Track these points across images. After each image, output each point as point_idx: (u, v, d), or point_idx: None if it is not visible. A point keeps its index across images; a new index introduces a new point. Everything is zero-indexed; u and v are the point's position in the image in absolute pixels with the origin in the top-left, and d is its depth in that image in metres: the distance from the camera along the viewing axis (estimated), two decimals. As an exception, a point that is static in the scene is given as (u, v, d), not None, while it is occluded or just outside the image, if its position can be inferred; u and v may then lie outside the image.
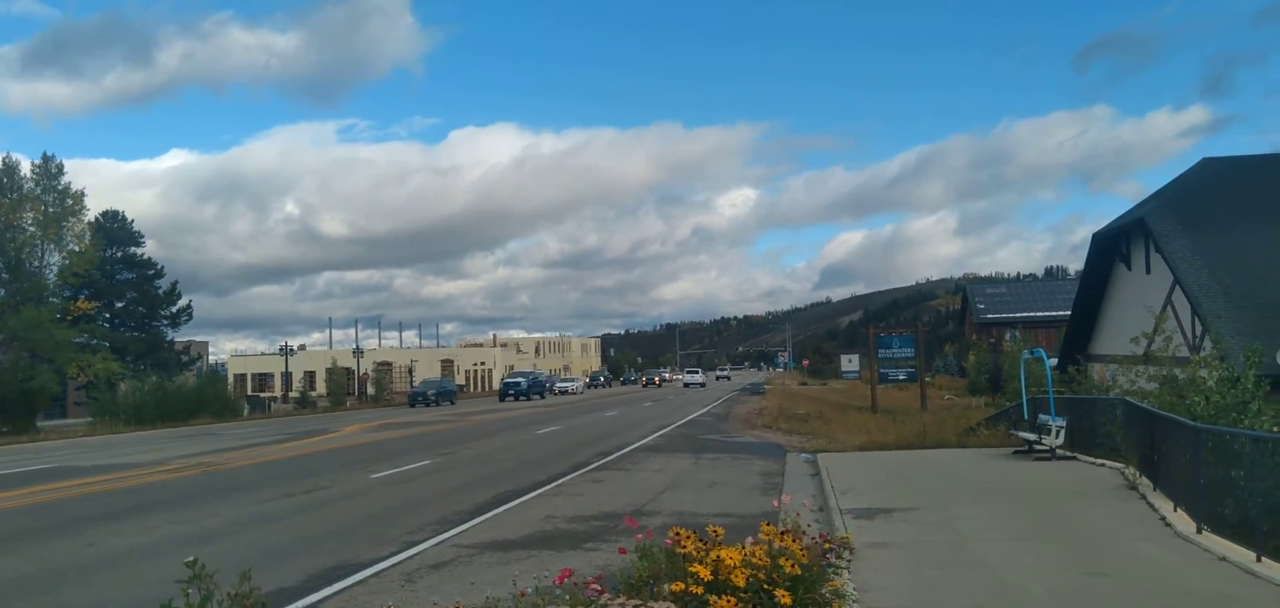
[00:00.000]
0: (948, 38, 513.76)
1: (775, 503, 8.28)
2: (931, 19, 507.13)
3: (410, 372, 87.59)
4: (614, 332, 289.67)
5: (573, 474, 17.89)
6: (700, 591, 5.61)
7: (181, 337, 66.89)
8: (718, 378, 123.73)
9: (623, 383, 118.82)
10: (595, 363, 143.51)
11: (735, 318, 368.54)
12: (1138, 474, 13.24)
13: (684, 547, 6.13)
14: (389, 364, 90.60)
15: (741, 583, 5.88)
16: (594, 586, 6.25)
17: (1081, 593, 7.53)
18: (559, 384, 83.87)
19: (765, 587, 6.00)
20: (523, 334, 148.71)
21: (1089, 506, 11.80)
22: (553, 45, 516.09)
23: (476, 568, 9.70)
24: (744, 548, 6.39)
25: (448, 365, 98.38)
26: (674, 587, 5.71)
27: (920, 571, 8.58)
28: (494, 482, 16.87)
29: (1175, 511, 10.77)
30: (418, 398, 60.88)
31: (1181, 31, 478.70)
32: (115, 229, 58.13)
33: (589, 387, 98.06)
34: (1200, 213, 24.28)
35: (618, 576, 6.51)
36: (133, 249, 59.41)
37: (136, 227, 60.04)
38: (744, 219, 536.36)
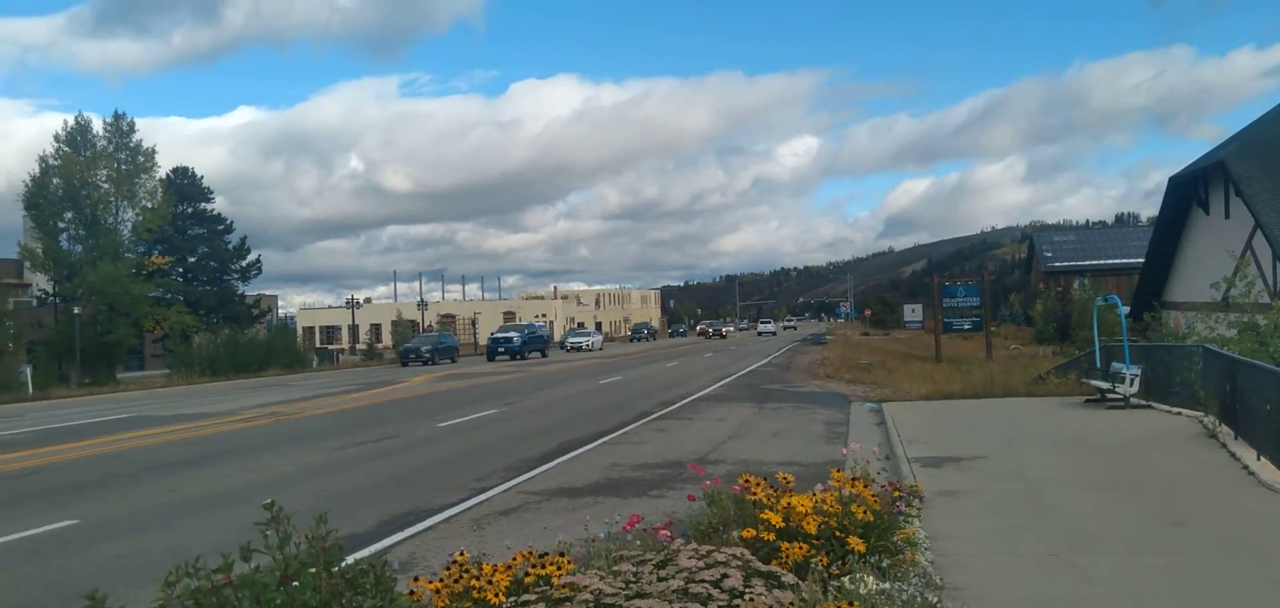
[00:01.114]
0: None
1: (843, 451, 8.20)
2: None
3: (474, 324, 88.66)
4: (673, 283, 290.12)
5: (635, 424, 17.95)
6: (772, 537, 5.57)
7: (251, 291, 68.53)
8: (784, 327, 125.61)
9: (671, 335, 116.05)
10: (655, 315, 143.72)
11: (795, 269, 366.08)
12: (1217, 423, 12.86)
13: (754, 494, 6.10)
14: (452, 316, 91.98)
15: (813, 530, 5.83)
16: (664, 532, 6.27)
17: (1162, 544, 7.34)
18: (570, 339, 70.55)
19: (837, 534, 5.95)
20: (583, 287, 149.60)
21: (1167, 455, 11.50)
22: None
23: (544, 514, 9.80)
24: (815, 495, 6.34)
25: (509, 316, 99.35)
26: (745, 533, 5.69)
27: (992, 519, 8.44)
28: (557, 431, 17.01)
29: (1259, 460, 10.43)
30: (410, 355, 50.93)
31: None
32: (185, 185, 59.48)
33: (633, 340, 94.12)
34: (1284, 154, 23.31)
35: (686, 522, 6.51)
36: (203, 205, 60.78)
37: (206, 183, 61.39)
38: (805, 169, 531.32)
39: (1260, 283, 20.29)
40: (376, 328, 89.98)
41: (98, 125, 49.17)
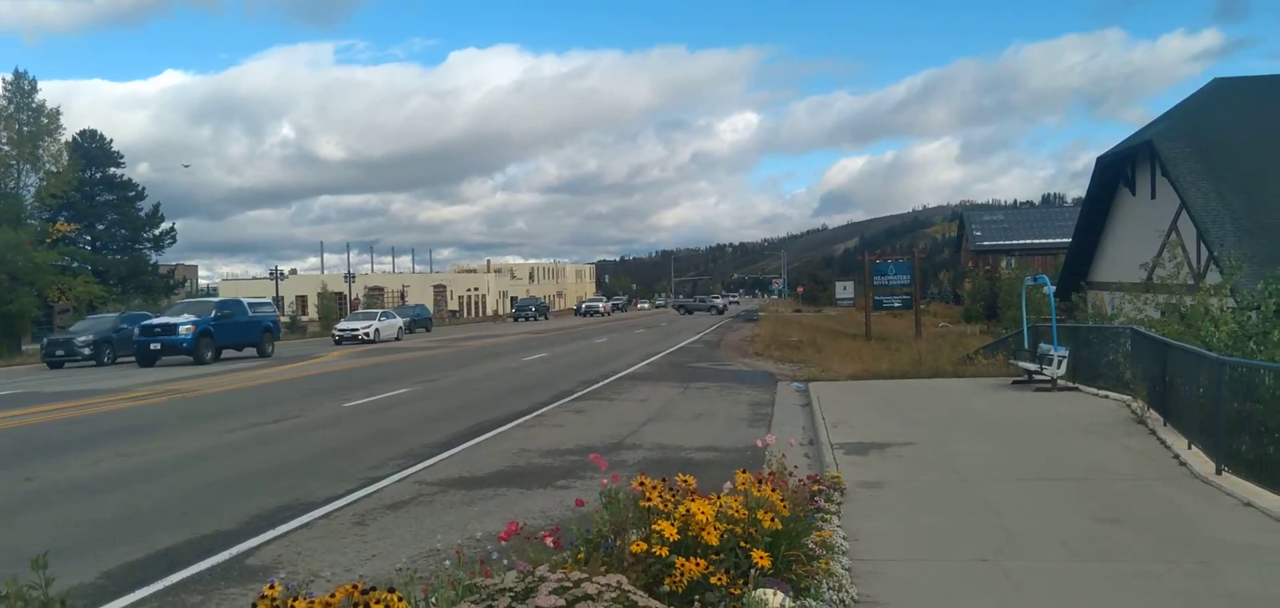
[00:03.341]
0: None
1: (758, 443, 7.49)
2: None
3: (401, 296, 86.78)
4: (610, 258, 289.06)
5: (554, 404, 17.15)
6: (665, 552, 4.82)
7: (168, 260, 65.86)
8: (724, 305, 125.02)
9: (578, 314, 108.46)
10: (590, 289, 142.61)
11: (731, 245, 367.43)
12: (1146, 408, 12.50)
13: (649, 499, 5.33)
14: (381, 289, 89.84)
15: (714, 542, 5.09)
16: (549, 540, 5.49)
17: (1098, 544, 6.79)
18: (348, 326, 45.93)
19: (742, 545, 5.23)
20: (519, 260, 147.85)
21: (1098, 442, 11.06)
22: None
23: (437, 508, 8.96)
24: (719, 498, 5.61)
25: (440, 290, 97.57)
26: (635, 548, 4.93)
27: (918, 516, 7.83)
28: (471, 412, 16.13)
29: (1190, 448, 10.03)
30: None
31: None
32: (94, 149, 56.65)
33: (520, 318, 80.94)
34: (1210, 135, 23.32)
35: (574, 529, 5.74)
36: (113, 170, 57.97)
37: (115, 147, 58.51)
38: (745, 145, 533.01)
39: (1186, 266, 20.18)
40: (303, 300, 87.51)
41: (-2, 85, 46.47)
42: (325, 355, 33.82)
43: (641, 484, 5.47)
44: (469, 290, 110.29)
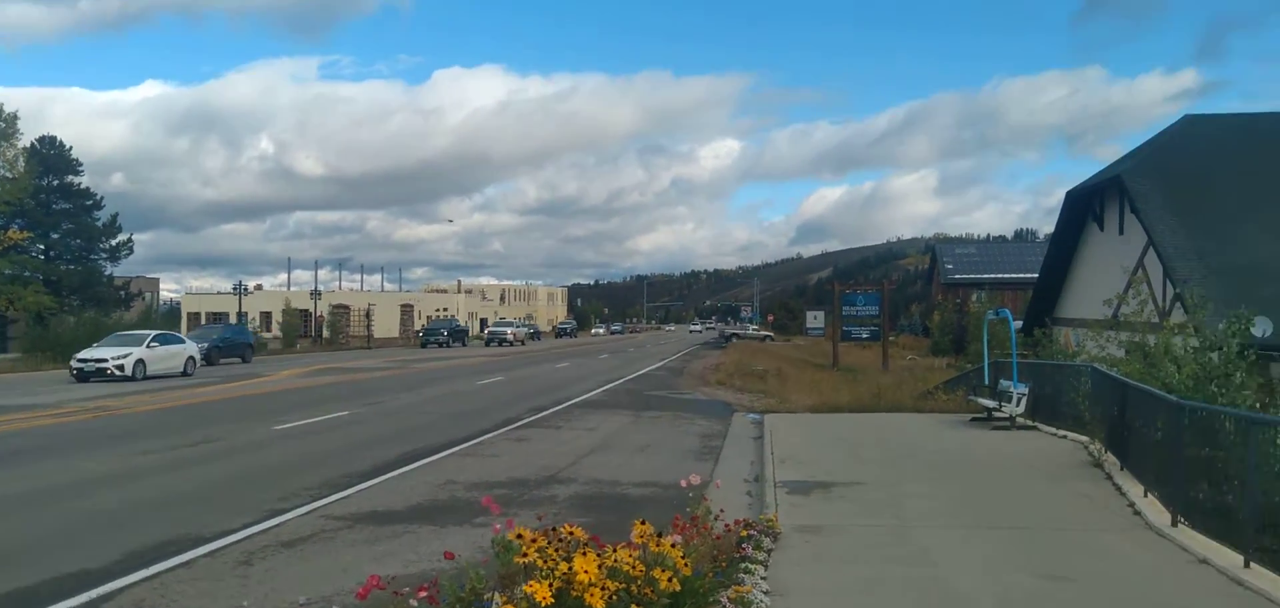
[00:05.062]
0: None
1: (683, 484, 6.86)
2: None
3: (368, 315, 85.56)
4: (584, 282, 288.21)
5: (497, 432, 16.43)
6: (534, 619, 4.16)
7: (128, 272, 64.48)
8: (690, 332, 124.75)
9: (557, 335, 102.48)
10: (562, 313, 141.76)
11: (706, 271, 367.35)
12: (1103, 450, 12.00)
13: (525, 555, 4.67)
14: (346, 307, 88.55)
15: (599, 605, 4.46)
16: (423, 594, 4.83)
17: (1040, 605, 6.19)
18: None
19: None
20: (492, 281, 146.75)
21: (1050, 486, 10.51)
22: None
23: (335, 548, 8.24)
24: (613, 553, 4.95)
25: (408, 310, 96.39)
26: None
27: (852, 568, 7.21)
28: (407, 438, 15.38)
29: (1146, 496, 9.49)
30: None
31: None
32: (52, 156, 55.28)
33: (429, 344, 62.37)
34: (1179, 172, 23.04)
35: (447, 587, 5.05)
36: (71, 178, 56.61)
37: (75, 154, 57.16)
38: (726, 171, 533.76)
39: (1151, 303, 19.79)
40: (267, 316, 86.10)
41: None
42: (275, 373, 32.85)
43: (520, 536, 4.80)
44: (438, 310, 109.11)
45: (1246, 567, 6.98)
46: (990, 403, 16.30)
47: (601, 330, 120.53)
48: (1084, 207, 27.39)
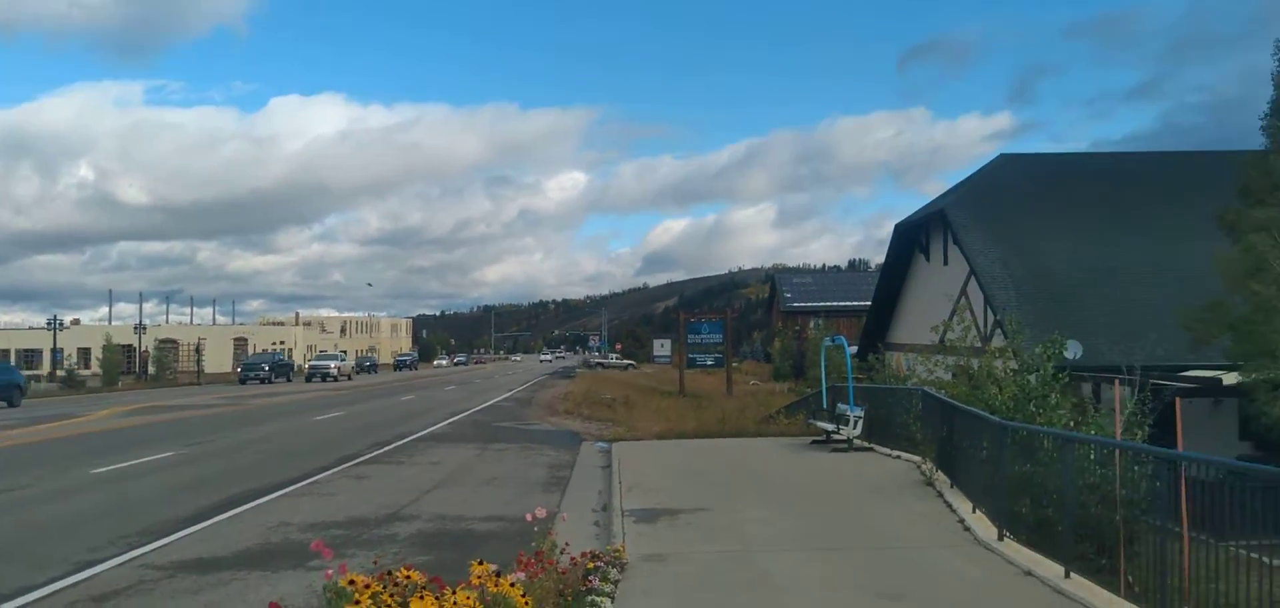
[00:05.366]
0: (782, 33, 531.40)
1: (528, 518, 6.72)
2: (775, 14, 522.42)
3: (198, 350, 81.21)
4: (430, 313, 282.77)
5: (335, 469, 15.77)
6: (363, 670, 3.95)
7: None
8: (540, 361, 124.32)
9: (396, 368, 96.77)
10: (406, 344, 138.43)
11: (554, 301, 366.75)
12: (934, 469, 12.55)
13: (359, 600, 4.44)
14: (174, 342, 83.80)
15: (435, 650, 4.28)
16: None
17: (877, 624, 6.38)
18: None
19: (472, 651, 4.43)
20: (333, 313, 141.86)
21: (886, 505, 10.90)
22: (391, 12, 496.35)
23: (154, 600, 7.67)
24: (452, 597, 4.77)
25: (241, 344, 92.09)
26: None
27: (697, 593, 7.24)
28: (237, 478, 14.56)
29: (974, 512, 9.96)
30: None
31: (998, 40, 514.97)
32: None
33: (248, 380, 57.04)
34: (995, 206, 24.60)
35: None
36: None
37: None
38: (572, 203, 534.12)
39: (974, 329, 20.94)
40: (86, 353, 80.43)
41: None
42: (93, 413, 30.63)
43: (352, 582, 4.57)
44: (275, 343, 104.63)
45: (1067, 577, 7.39)
46: (829, 426, 16.82)
47: (444, 362, 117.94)
48: (911, 238, 28.83)
